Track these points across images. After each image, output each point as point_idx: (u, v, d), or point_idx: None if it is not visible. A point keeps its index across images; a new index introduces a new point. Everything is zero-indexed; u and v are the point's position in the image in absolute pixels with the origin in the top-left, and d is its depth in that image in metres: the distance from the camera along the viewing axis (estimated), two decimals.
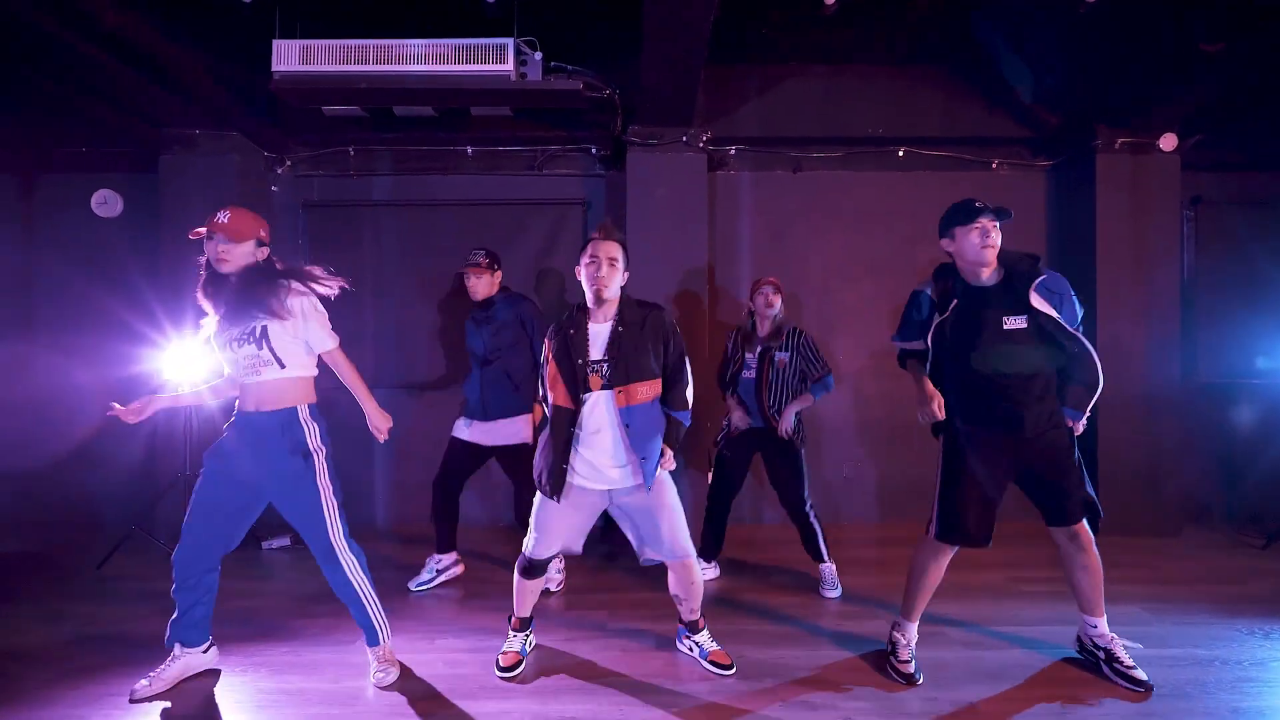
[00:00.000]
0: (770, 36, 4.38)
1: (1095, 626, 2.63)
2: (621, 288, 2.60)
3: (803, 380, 3.52)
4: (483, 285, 3.58)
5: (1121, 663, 2.53)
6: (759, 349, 3.53)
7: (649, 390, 2.51)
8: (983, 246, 2.45)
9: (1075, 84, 4.50)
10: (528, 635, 2.78)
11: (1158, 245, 4.58)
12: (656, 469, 2.50)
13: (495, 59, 3.72)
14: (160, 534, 4.06)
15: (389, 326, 4.80)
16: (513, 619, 2.77)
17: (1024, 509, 4.63)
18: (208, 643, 2.64)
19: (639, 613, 3.19)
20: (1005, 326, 2.44)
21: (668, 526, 2.55)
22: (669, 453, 2.54)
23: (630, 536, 2.64)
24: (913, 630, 2.69)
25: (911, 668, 2.57)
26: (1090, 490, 2.58)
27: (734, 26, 4.01)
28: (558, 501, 2.53)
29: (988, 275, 2.52)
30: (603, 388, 2.49)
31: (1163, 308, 4.55)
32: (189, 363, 3.92)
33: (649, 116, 4.38)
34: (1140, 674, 2.48)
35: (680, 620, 2.79)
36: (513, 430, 3.52)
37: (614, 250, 2.57)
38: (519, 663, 2.65)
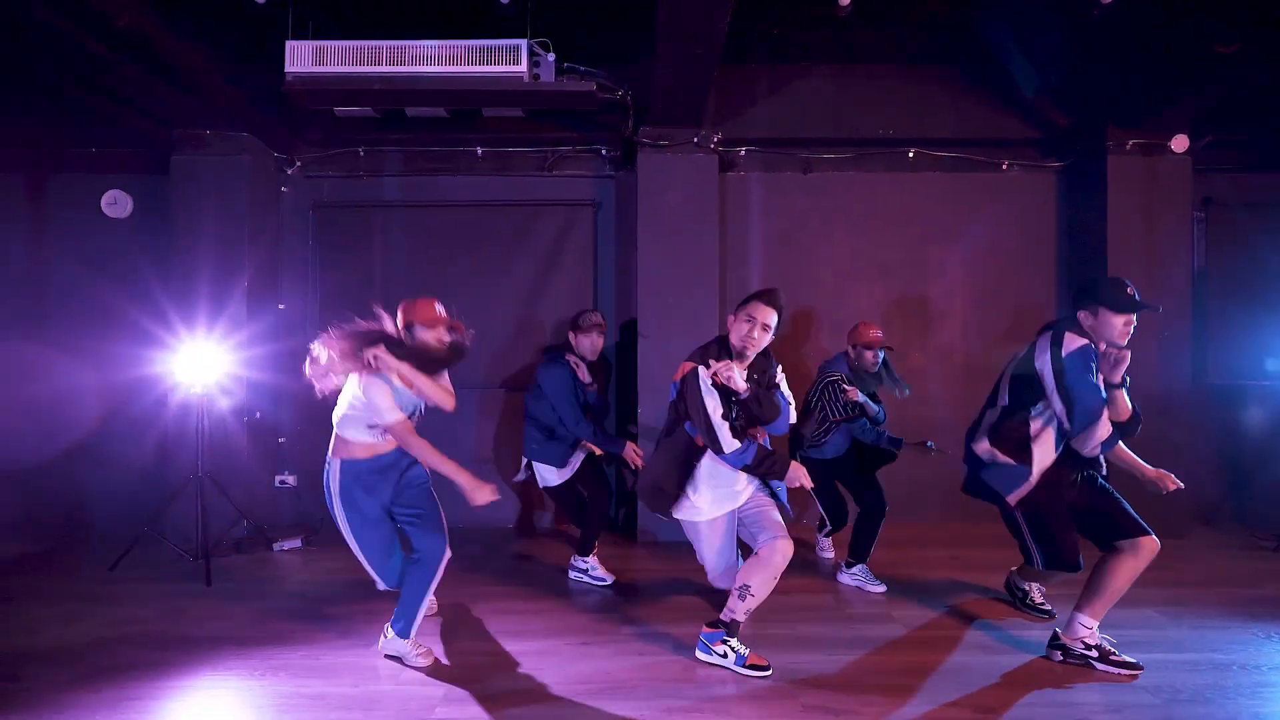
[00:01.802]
0: (781, 36, 4.38)
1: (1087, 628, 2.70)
2: None
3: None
4: (594, 349, 3.68)
5: (1115, 655, 2.64)
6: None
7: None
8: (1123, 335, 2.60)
9: (1086, 84, 4.50)
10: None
11: (1168, 247, 4.58)
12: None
13: (509, 60, 3.72)
14: (172, 535, 4.06)
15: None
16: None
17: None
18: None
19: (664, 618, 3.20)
20: None
21: (771, 511, 2.71)
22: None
23: (748, 534, 2.73)
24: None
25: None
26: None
27: (745, 27, 4.00)
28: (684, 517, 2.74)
29: None
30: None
31: (1173, 309, 4.54)
32: (199, 364, 3.92)
33: (660, 117, 4.38)
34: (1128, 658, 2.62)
35: (712, 622, 2.74)
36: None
37: (771, 318, 2.63)
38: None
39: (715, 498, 2.71)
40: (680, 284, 4.51)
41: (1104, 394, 2.57)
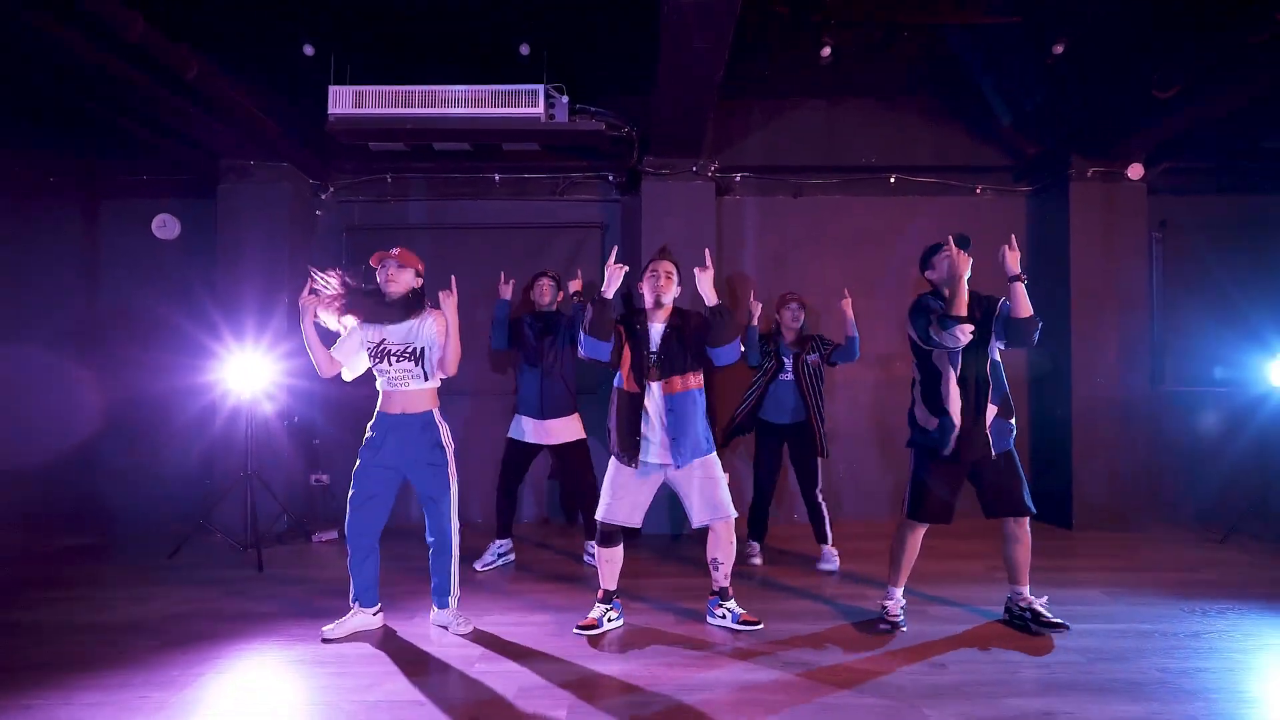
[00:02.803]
0: (772, 75, 4.84)
1: (1021, 594, 3.16)
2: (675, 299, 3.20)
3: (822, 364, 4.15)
4: (549, 294, 4.19)
5: (1044, 616, 3.06)
6: (792, 355, 4.11)
7: (689, 381, 3.10)
8: None
9: (1051, 117, 4.95)
10: (608, 608, 3.19)
11: (1127, 264, 5.01)
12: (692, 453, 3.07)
13: (527, 103, 4.19)
14: (221, 529, 4.51)
15: None
16: (599, 591, 3.22)
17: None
18: (377, 606, 3.21)
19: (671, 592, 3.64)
20: None
21: (710, 493, 3.10)
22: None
23: (684, 504, 3.15)
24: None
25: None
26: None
27: (740, 68, 4.43)
28: (633, 467, 3.09)
29: None
30: (656, 379, 3.08)
31: (1132, 321, 4.99)
32: (248, 372, 4.37)
33: (662, 149, 4.83)
34: (1057, 619, 3.04)
35: (712, 591, 3.26)
36: (569, 429, 4.12)
37: (670, 267, 3.18)
38: (593, 626, 3.12)
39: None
40: (680, 301, 4.91)
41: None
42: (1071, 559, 4.32)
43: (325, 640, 3.04)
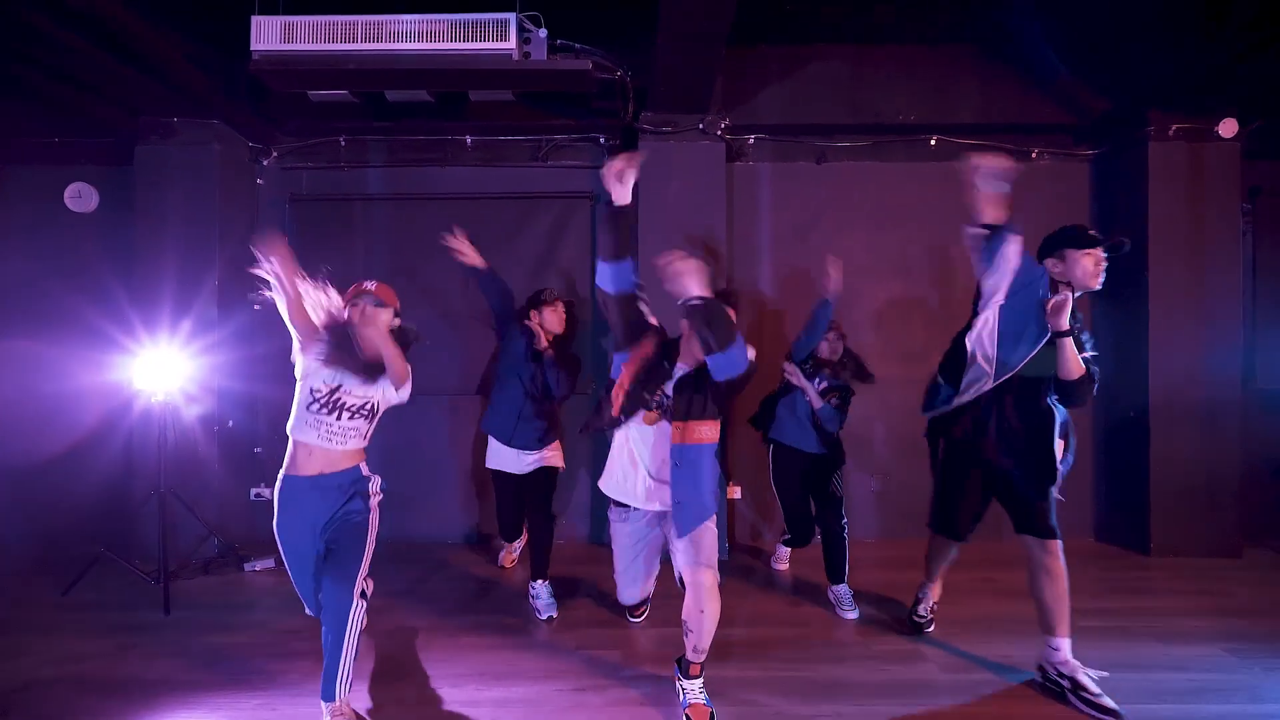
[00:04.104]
0: (793, 13, 4.03)
1: (1057, 651, 2.49)
2: None
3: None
4: (560, 322, 3.49)
5: (1088, 691, 2.38)
6: (825, 384, 3.40)
7: (707, 431, 2.45)
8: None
9: (1125, 64, 4.13)
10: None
11: (1216, 241, 4.21)
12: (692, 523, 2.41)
13: (496, 36, 3.38)
14: (133, 556, 3.73)
15: None
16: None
17: (1067, 526, 4.25)
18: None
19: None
20: None
21: (696, 548, 2.41)
22: None
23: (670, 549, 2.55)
24: None
25: None
26: None
27: (755, 2, 3.66)
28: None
29: None
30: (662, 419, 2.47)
31: (1222, 309, 4.19)
32: (162, 369, 3.60)
33: (663, 102, 4.05)
34: (1108, 701, 2.33)
35: (681, 656, 2.47)
36: (539, 458, 3.47)
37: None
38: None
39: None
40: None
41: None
42: (1159, 596, 3.55)
43: None
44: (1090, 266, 2.45)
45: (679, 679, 2.45)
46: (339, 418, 2.36)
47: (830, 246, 4.55)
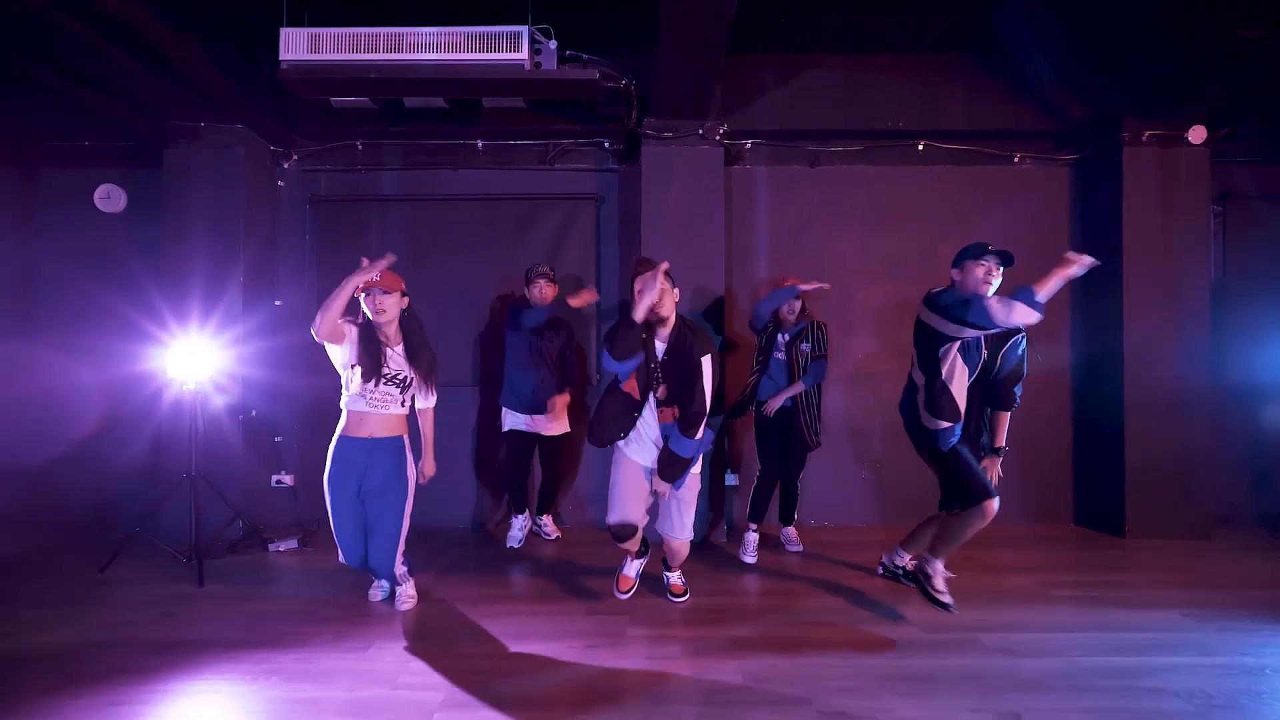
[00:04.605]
0: (789, 24, 4.28)
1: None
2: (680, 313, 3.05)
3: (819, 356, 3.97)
4: (551, 295, 4.07)
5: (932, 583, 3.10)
6: (789, 336, 3.96)
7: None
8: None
9: (1104, 73, 4.39)
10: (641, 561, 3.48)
11: (1186, 242, 4.46)
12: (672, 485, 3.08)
13: (509, 47, 3.62)
14: (165, 536, 3.95)
15: None
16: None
17: (1049, 511, 4.53)
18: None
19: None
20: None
21: (680, 512, 3.15)
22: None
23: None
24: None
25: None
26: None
27: (752, 13, 3.89)
28: (601, 446, 3.15)
29: None
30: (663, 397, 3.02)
31: (1192, 306, 4.44)
32: (192, 360, 3.82)
33: (664, 108, 4.28)
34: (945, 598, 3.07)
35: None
36: (557, 423, 4.15)
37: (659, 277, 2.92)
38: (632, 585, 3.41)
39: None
40: (685, 280, 4.39)
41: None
42: (1129, 571, 3.79)
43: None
44: (980, 274, 2.88)
45: (667, 571, 3.40)
46: (377, 385, 2.98)
47: (823, 247, 4.84)
